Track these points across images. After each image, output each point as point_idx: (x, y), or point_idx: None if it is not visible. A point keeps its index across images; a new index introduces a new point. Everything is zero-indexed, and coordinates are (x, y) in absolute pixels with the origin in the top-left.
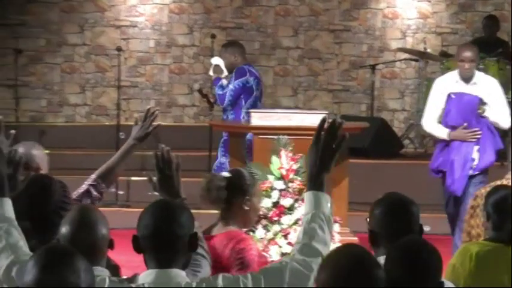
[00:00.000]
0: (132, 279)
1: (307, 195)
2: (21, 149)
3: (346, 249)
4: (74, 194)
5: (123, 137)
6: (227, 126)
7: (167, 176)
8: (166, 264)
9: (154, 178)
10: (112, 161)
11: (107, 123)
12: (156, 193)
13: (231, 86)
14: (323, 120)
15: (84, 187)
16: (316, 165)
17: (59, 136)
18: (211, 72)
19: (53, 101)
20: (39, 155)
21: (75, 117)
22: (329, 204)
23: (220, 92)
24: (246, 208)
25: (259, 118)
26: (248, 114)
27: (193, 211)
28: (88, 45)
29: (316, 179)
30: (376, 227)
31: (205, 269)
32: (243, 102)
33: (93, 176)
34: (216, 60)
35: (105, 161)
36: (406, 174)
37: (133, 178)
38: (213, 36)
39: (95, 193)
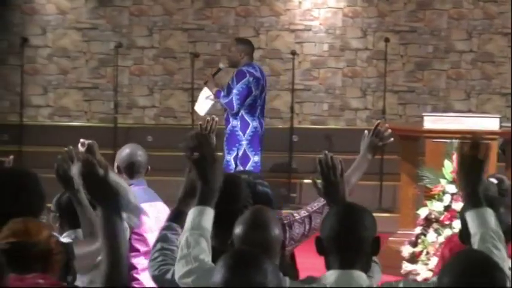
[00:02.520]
0: (313, 279)
1: (469, 215)
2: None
3: (466, 254)
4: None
5: (296, 139)
6: (401, 129)
7: (332, 182)
8: (349, 266)
9: (319, 181)
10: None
11: (280, 126)
12: None
13: (235, 91)
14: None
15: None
16: (468, 182)
17: None
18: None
19: None
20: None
21: None
22: (493, 218)
23: (227, 100)
24: None
25: (432, 122)
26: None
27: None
28: (263, 48)
29: (472, 196)
30: None
31: (378, 275)
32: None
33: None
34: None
35: (279, 163)
36: None
37: (305, 181)
38: (387, 40)
39: None
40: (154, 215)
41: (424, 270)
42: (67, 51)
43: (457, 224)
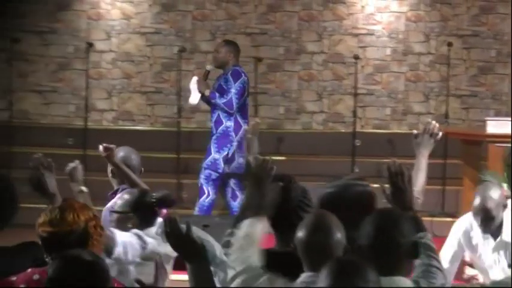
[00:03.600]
0: None
1: None
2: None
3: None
4: None
5: (358, 144)
6: (464, 134)
7: (400, 188)
8: (389, 272)
9: (387, 186)
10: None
11: (342, 131)
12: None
13: (233, 90)
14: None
15: None
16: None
17: (295, 143)
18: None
19: (290, 108)
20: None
21: (312, 125)
22: None
23: (225, 100)
24: None
25: (495, 126)
26: None
27: (426, 219)
28: (326, 53)
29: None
30: None
31: (440, 282)
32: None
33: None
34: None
35: (341, 167)
36: None
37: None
38: (450, 45)
39: None
40: None
41: None
42: (131, 56)
43: None
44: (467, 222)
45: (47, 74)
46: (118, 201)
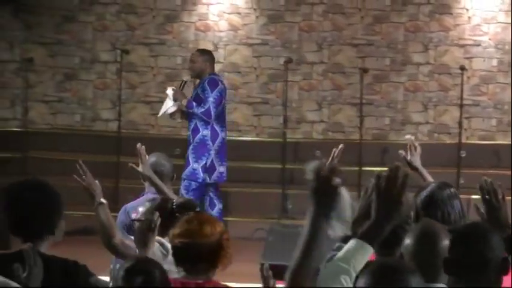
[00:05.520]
0: None
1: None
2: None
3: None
4: None
5: (463, 155)
6: None
7: (494, 206)
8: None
9: (480, 205)
10: None
11: (448, 142)
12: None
13: (211, 99)
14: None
15: None
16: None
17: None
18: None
19: (396, 119)
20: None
21: (417, 136)
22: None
23: (203, 109)
24: None
25: None
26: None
27: None
28: (431, 64)
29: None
30: None
31: None
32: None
33: None
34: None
35: (447, 178)
36: None
37: (473, 196)
38: None
39: None
40: None
41: None
42: (238, 67)
43: None
44: None
45: (155, 84)
46: (140, 208)
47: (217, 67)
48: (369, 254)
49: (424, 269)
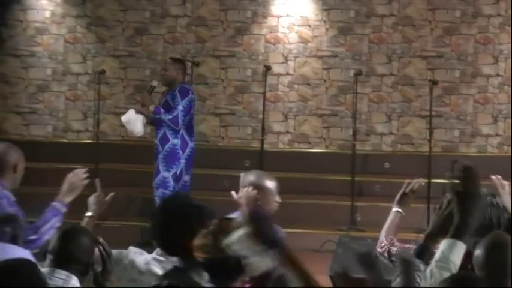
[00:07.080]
0: None
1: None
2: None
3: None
4: None
5: None
6: None
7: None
8: None
9: None
10: None
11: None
12: None
13: (180, 107)
14: None
15: None
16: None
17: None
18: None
19: (465, 131)
20: None
21: (487, 148)
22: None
23: (170, 117)
24: None
25: None
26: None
27: None
28: (502, 76)
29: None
30: None
31: None
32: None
33: None
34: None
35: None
36: None
37: None
38: None
39: None
40: None
41: None
42: (307, 79)
43: None
44: None
45: (225, 97)
46: None
47: (286, 79)
48: (462, 249)
49: (494, 279)
